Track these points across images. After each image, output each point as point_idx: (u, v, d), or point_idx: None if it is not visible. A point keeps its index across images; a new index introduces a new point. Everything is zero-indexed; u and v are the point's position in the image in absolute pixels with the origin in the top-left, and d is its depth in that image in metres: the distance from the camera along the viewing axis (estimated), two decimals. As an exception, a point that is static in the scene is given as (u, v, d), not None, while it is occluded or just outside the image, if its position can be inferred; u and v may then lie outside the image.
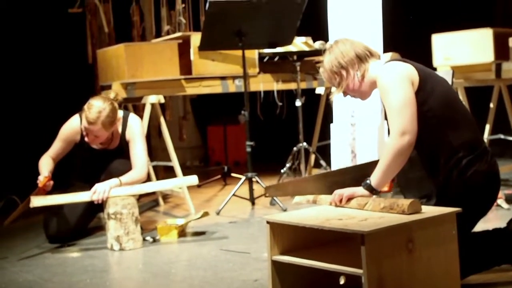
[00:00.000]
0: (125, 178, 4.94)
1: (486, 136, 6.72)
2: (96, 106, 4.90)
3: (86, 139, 5.01)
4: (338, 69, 3.49)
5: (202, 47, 6.15)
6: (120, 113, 5.16)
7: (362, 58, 3.48)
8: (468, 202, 3.26)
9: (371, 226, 2.84)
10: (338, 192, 3.39)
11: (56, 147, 5.23)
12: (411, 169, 3.38)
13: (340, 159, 5.93)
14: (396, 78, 3.30)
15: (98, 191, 4.82)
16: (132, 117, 5.24)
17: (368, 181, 3.33)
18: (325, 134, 6.12)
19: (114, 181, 4.89)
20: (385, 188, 3.37)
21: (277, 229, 3.23)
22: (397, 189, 3.61)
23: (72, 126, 5.21)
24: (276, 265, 3.23)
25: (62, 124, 5.23)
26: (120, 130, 5.18)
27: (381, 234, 2.84)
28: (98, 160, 5.16)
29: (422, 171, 3.39)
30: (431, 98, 3.33)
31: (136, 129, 5.17)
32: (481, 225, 3.48)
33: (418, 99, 3.29)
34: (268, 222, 3.23)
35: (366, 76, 3.47)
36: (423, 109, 3.29)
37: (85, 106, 4.94)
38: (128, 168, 5.04)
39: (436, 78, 3.44)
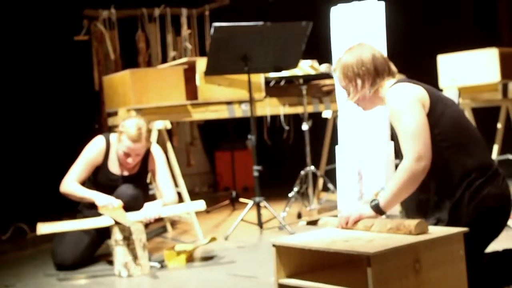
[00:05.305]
0: (165, 200, 5.09)
1: (494, 156, 6.69)
2: (134, 124, 4.96)
3: (126, 162, 5.04)
4: (353, 76, 3.44)
5: (208, 72, 6.16)
6: None
7: (379, 74, 3.43)
8: (480, 225, 3.23)
9: (377, 248, 2.82)
10: (344, 214, 3.36)
11: (80, 170, 5.12)
12: (417, 192, 3.34)
13: (346, 181, 5.88)
14: (409, 101, 3.25)
15: (149, 211, 4.88)
16: (155, 146, 5.32)
17: (376, 201, 3.30)
18: (333, 157, 6.11)
19: (160, 202, 5.02)
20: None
21: (283, 252, 3.20)
22: (404, 212, 3.57)
23: (98, 147, 5.17)
24: (283, 288, 3.21)
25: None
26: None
27: (387, 255, 2.81)
28: (111, 186, 5.13)
29: (427, 194, 3.35)
30: (441, 121, 3.29)
31: (161, 159, 5.28)
32: (491, 246, 3.44)
33: (429, 122, 3.25)
34: (274, 246, 3.21)
35: (378, 92, 3.43)
36: (434, 132, 3.25)
37: (121, 129, 4.97)
38: (135, 192, 5.06)
39: (445, 100, 3.40)
